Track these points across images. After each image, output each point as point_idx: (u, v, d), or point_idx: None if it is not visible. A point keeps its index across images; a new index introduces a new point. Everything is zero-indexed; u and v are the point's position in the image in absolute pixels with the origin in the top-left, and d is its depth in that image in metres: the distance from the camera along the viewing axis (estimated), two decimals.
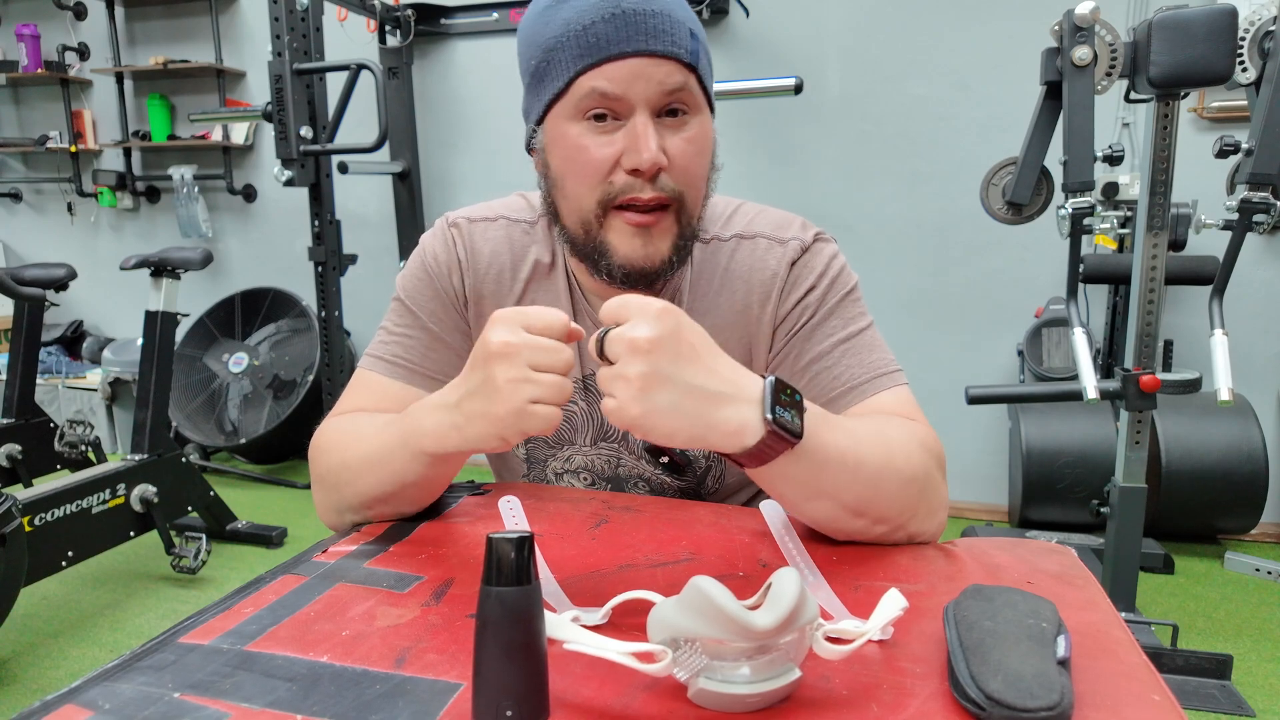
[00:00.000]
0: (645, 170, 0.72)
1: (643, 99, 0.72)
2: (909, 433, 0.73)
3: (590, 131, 0.74)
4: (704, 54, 0.76)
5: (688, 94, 0.74)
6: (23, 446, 2.72)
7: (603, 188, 0.74)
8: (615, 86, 0.72)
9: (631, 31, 0.71)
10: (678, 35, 0.73)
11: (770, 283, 0.84)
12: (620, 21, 0.71)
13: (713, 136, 0.79)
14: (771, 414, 0.59)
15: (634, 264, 0.76)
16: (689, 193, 0.76)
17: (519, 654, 0.44)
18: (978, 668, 0.47)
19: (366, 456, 0.75)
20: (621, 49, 0.71)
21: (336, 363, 3.08)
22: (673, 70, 0.72)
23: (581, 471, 0.92)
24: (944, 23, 2.84)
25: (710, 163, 0.80)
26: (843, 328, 0.83)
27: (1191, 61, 1.62)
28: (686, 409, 0.58)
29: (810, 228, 0.87)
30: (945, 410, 2.87)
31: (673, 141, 0.74)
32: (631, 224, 0.75)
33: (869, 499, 0.67)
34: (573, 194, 0.77)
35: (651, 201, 0.74)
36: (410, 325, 0.87)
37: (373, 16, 3.14)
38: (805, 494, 0.66)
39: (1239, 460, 2.45)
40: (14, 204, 4.15)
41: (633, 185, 0.74)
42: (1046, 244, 2.82)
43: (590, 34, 0.72)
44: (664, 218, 0.76)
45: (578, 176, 0.75)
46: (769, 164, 3.09)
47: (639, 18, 0.71)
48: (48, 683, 1.97)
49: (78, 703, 0.48)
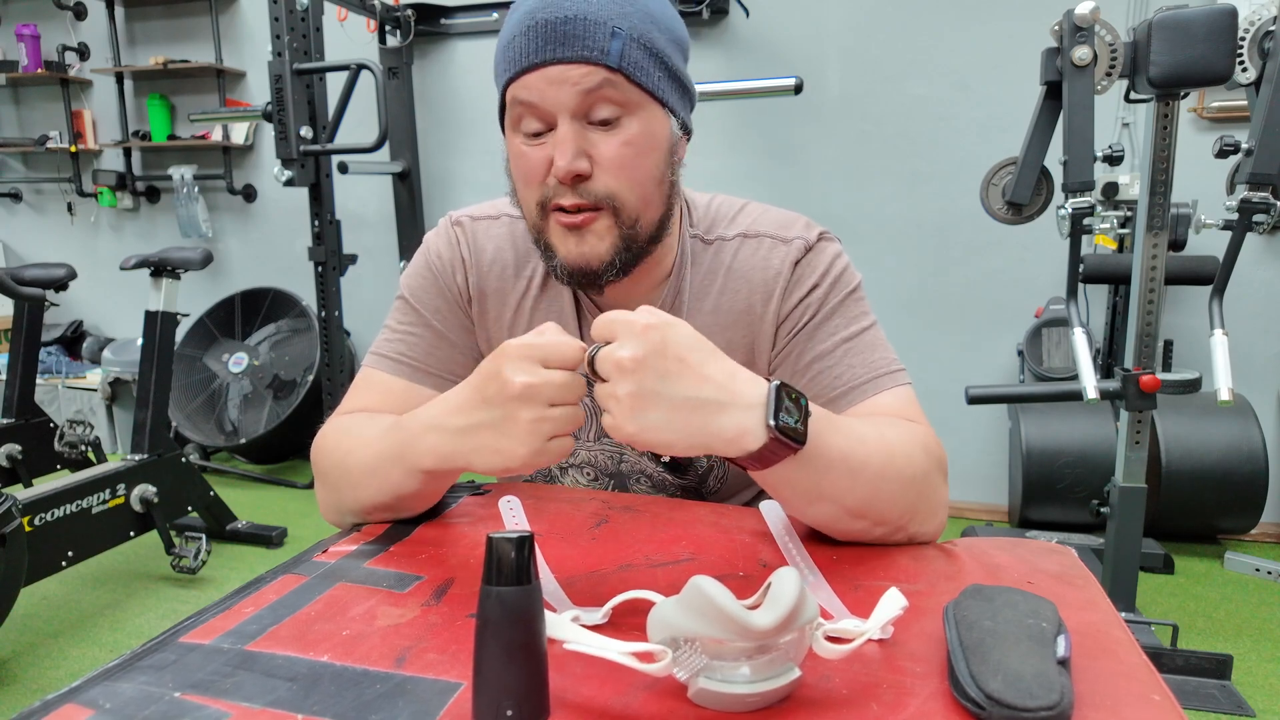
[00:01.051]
0: (562, 179, 0.74)
1: (561, 105, 0.73)
2: (910, 434, 0.73)
3: (527, 142, 0.76)
4: (638, 49, 0.73)
5: (614, 94, 0.73)
6: (23, 446, 2.72)
7: (541, 190, 0.76)
8: (533, 95, 0.73)
9: (542, 42, 0.72)
10: (592, 38, 0.72)
11: (773, 281, 0.84)
12: (534, 33, 0.72)
13: (665, 134, 0.78)
14: (775, 420, 0.59)
15: (572, 263, 0.77)
16: (625, 194, 0.75)
17: (519, 654, 0.44)
18: (978, 667, 0.47)
19: (364, 465, 0.75)
20: (532, 60, 0.72)
21: (336, 363, 3.08)
22: (587, 73, 0.72)
23: (585, 466, 0.93)
24: (944, 23, 2.84)
25: (664, 160, 0.78)
26: (845, 327, 0.83)
27: (1191, 61, 1.62)
28: (679, 423, 0.59)
29: (814, 227, 0.87)
30: (945, 410, 2.87)
31: (604, 145, 0.74)
32: (562, 225, 0.77)
33: (870, 501, 0.68)
34: (521, 200, 0.80)
35: (573, 207, 0.75)
36: (414, 323, 0.88)
37: (373, 16, 3.14)
38: (807, 497, 0.66)
39: (1239, 460, 2.45)
40: (14, 204, 4.15)
41: (559, 191, 0.75)
42: (1046, 244, 2.82)
43: (512, 48, 0.74)
44: (596, 219, 0.76)
45: (522, 181, 0.78)
46: (769, 164, 3.09)
47: (550, 26, 0.72)
48: (48, 683, 1.97)
49: (78, 702, 0.48)
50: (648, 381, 0.58)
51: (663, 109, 0.77)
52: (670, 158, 0.79)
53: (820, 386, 0.81)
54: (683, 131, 0.81)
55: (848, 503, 0.67)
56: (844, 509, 0.67)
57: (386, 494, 0.74)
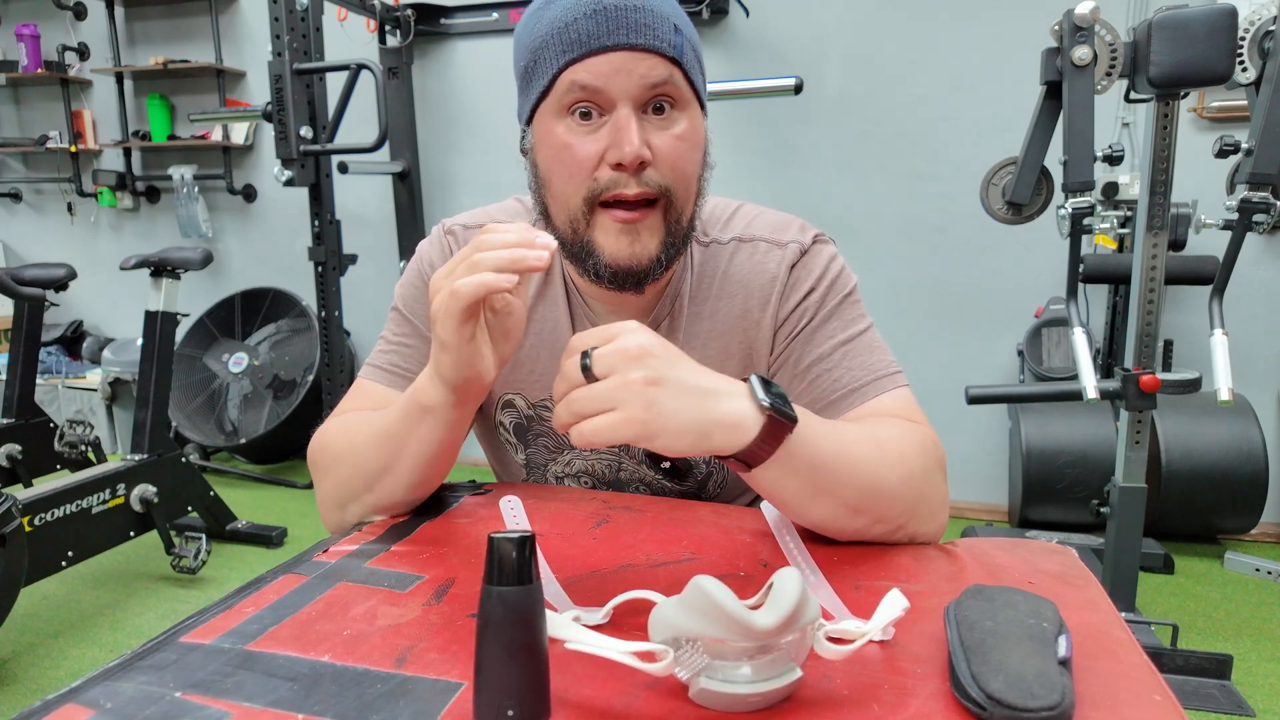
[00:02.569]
0: (629, 164, 0.71)
1: (625, 93, 0.72)
2: (904, 432, 0.73)
3: (575, 128, 0.74)
4: (690, 49, 0.75)
5: (673, 88, 0.73)
6: (23, 446, 2.72)
7: (588, 184, 0.74)
8: (597, 80, 0.72)
9: (613, 26, 0.71)
10: (660, 29, 0.72)
11: (769, 286, 0.84)
12: (602, 17, 0.71)
13: (704, 133, 0.78)
14: (767, 400, 0.60)
15: (620, 263, 0.75)
16: (677, 188, 0.75)
17: (520, 653, 0.44)
18: (979, 668, 0.47)
19: (368, 435, 0.76)
20: (602, 43, 0.71)
21: (336, 363, 3.08)
22: (655, 64, 0.72)
23: (582, 475, 0.92)
24: (944, 23, 2.84)
25: (702, 160, 0.79)
26: (842, 330, 0.82)
27: (1191, 61, 1.62)
28: (689, 408, 0.59)
29: (809, 229, 0.86)
30: (945, 410, 2.87)
31: (659, 137, 0.73)
32: (618, 221, 0.74)
33: (869, 497, 0.68)
34: (560, 192, 0.76)
35: (637, 197, 0.73)
36: (408, 334, 0.88)
37: (373, 16, 3.14)
38: (806, 493, 0.66)
39: (1239, 460, 2.45)
40: (14, 204, 4.15)
41: (618, 180, 0.73)
42: (1046, 244, 2.82)
43: (573, 30, 0.72)
44: (650, 214, 0.75)
45: (564, 173, 0.75)
46: (769, 164, 3.09)
47: (620, 13, 0.71)
48: (48, 683, 1.97)
49: (79, 702, 0.48)
50: (660, 366, 0.59)
51: (701, 110, 0.78)
52: (706, 158, 0.80)
53: (819, 390, 0.81)
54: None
55: (846, 497, 0.67)
56: (844, 504, 0.67)
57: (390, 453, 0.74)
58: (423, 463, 0.74)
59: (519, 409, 0.90)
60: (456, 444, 0.75)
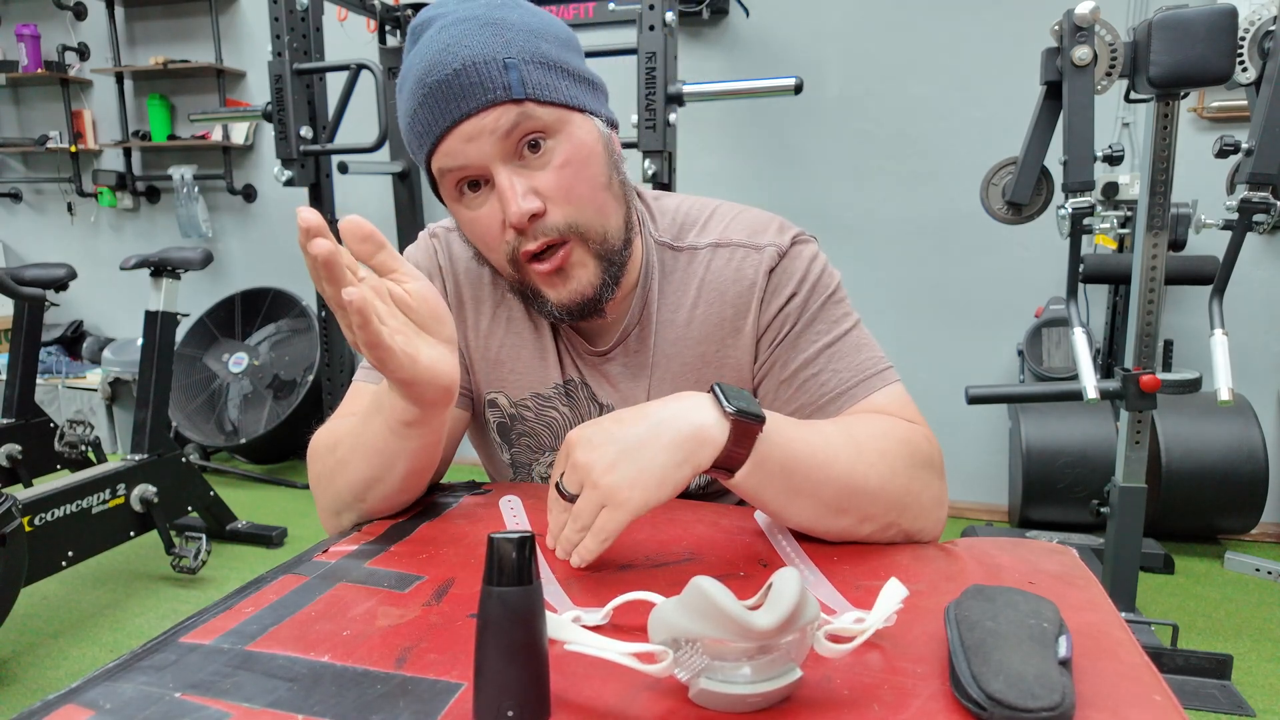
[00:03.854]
0: (519, 227, 0.72)
1: (487, 157, 0.71)
2: (883, 428, 0.73)
3: (471, 202, 0.75)
4: (535, 67, 0.71)
5: (531, 123, 0.71)
6: (23, 446, 2.72)
7: (503, 248, 0.75)
8: (458, 160, 0.72)
9: (444, 105, 0.70)
10: (488, 79, 0.70)
11: (749, 293, 0.82)
12: (431, 100, 0.71)
13: (595, 138, 0.75)
14: (731, 405, 0.62)
15: (565, 304, 0.76)
16: (582, 217, 0.74)
17: (520, 654, 0.44)
18: (979, 668, 0.47)
19: (351, 445, 0.75)
20: (443, 125, 0.71)
21: (336, 363, 3.08)
22: (498, 115, 0.70)
23: None
24: (944, 23, 2.84)
25: (603, 166, 0.76)
26: (827, 332, 0.81)
27: (1191, 61, 1.62)
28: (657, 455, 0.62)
29: (787, 230, 0.84)
30: (945, 410, 2.87)
31: (541, 177, 0.72)
32: (543, 274, 0.75)
33: (848, 495, 0.68)
34: (492, 259, 0.78)
35: (540, 248, 0.73)
36: None
37: (373, 16, 3.14)
38: (786, 495, 0.66)
39: (1239, 460, 2.45)
40: (14, 204, 4.15)
41: (523, 240, 0.73)
42: (1046, 244, 2.82)
43: (417, 123, 0.73)
44: (571, 251, 0.74)
45: (482, 246, 0.77)
46: (769, 164, 3.09)
47: (443, 86, 0.70)
48: (48, 683, 1.97)
49: (78, 702, 0.48)
50: (607, 451, 0.62)
51: (582, 114, 0.75)
52: (609, 158, 0.77)
53: (808, 395, 0.80)
54: (610, 127, 0.79)
55: (825, 497, 0.67)
56: (823, 504, 0.67)
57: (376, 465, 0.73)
58: (409, 471, 0.74)
59: (501, 408, 0.91)
60: (438, 446, 0.75)
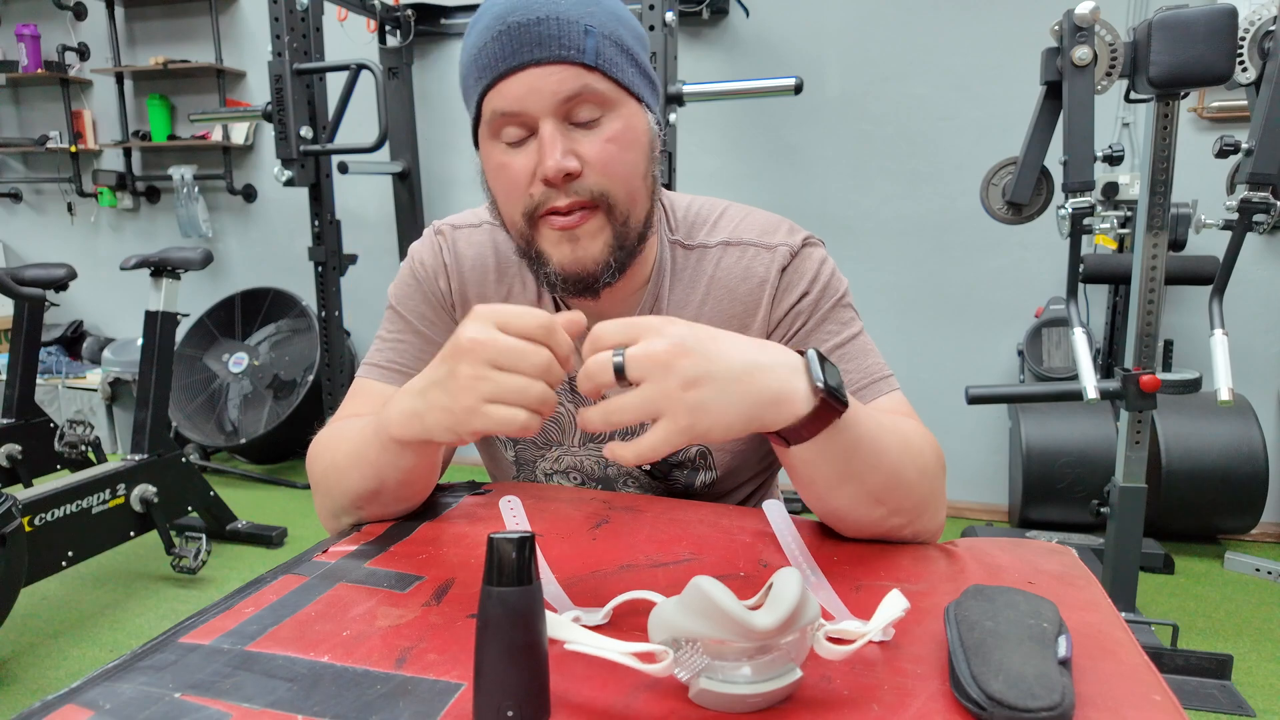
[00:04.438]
0: (552, 179, 0.71)
1: (542, 110, 0.71)
2: (917, 428, 0.74)
3: (507, 150, 0.74)
4: (611, 45, 0.73)
5: (592, 94, 0.72)
6: (23, 446, 2.72)
7: (525, 200, 0.74)
8: (513, 104, 0.72)
9: (517, 45, 0.70)
10: (568, 38, 0.71)
11: (759, 291, 0.84)
12: (506, 38, 0.71)
13: (645, 128, 0.77)
14: (823, 381, 0.58)
15: (567, 269, 0.75)
16: (615, 190, 0.74)
17: (520, 654, 0.44)
18: (979, 668, 0.47)
19: (349, 454, 0.75)
20: (509, 65, 0.71)
21: (336, 363, 3.08)
22: (566, 76, 0.71)
23: (571, 472, 0.92)
24: (944, 22, 2.84)
25: (646, 155, 0.77)
26: (837, 333, 0.82)
27: (1191, 61, 1.62)
28: (737, 397, 0.56)
29: (798, 231, 0.86)
30: (945, 410, 2.87)
31: (587, 143, 0.73)
32: (556, 229, 0.74)
33: (891, 487, 0.68)
34: (504, 210, 0.78)
35: (569, 207, 0.73)
36: (403, 330, 0.89)
37: (373, 16, 3.14)
38: (836, 477, 0.66)
39: (1239, 460, 2.45)
40: (14, 204, 4.15)
41: (550, 195, 0.73)
42: (1046, 244, 2.82)
43: (484, 56, 0.72)
44: (590, 218, 0.74)
45: (503, 192, 0.76)
46: (769, 164, 3.09)
47: (523, 29, 0.70)
48: (48, 683, 1.97)
49: (78, 703, 0.48)
50: (697, 364, 0.55)
51: (639, 104, 0.76)
52: (651, 153, 0.78)
53: None
54: (658, 126, 0.80)
55: (871, 485, 0.67)
56: (867, 493, 0.67)
57: (371, 479, 0.73)
58: (401, 490, 0.75)
59: None
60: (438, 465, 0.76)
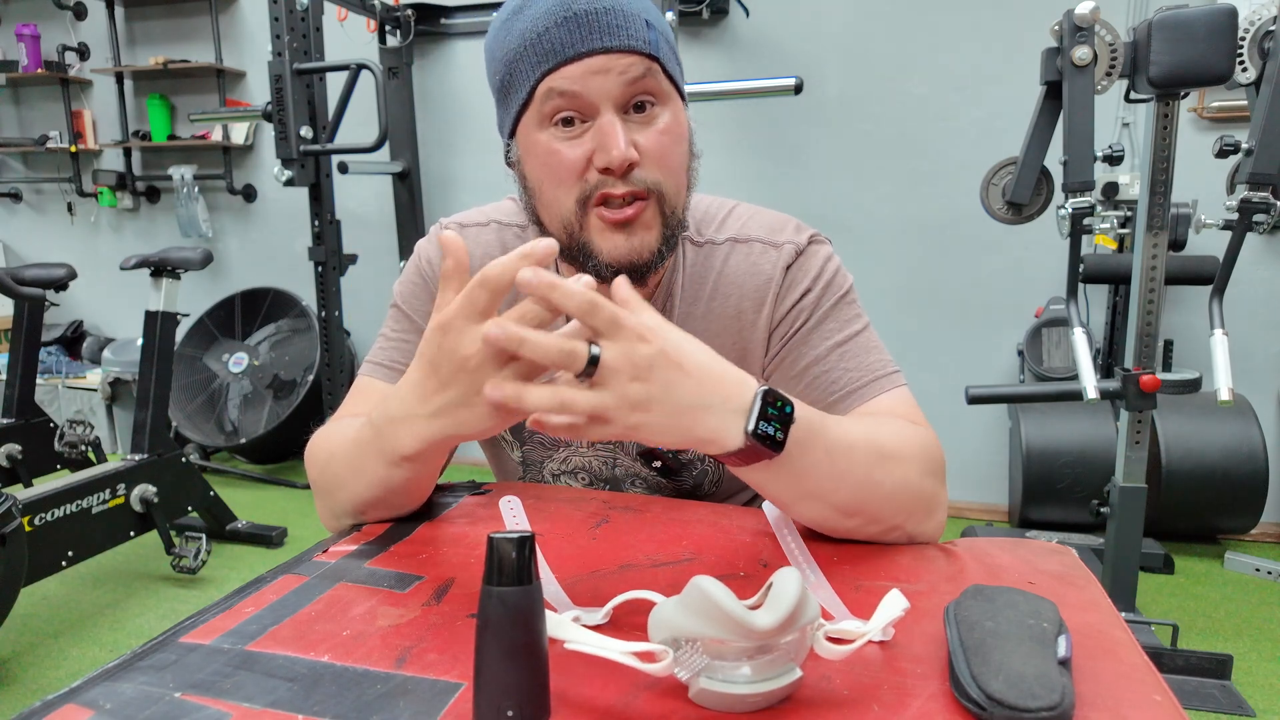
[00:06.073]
0: (616, 168, 0.71)
1: (606, 95, 0.72)
2: (905, 434, 0.73)
3: (559, 136, 0.74)
4: (665, 43, 0.75)
5: (652, 83, 0.73)
6: (23, 446, 2.72)
7: (579, 187, 0.74)
8: (576, 86, 0.71)
9: (585, 32, 0.71)
10: (633, 28, 0.72)
11: (765, 287, 0.84)
12: (573, 24, 0.71)
13: (687, 125, 0.78)
14: (754, 427, 0.58)
15: (620, 261, 0.75)
16: (667, 183, 0.75)
17: (520, 654, 0.44)
18: (979, 668, 0.47)
19: (348, 464, 0.74)
20: (577, 50, 0.71)
21: (336, 363, 3.08)
22: (632, 63, 0.72)
23: (579, 472, 0.92)
24: (944, 23, 2.84)
25: (688, 151, 0.78)
26: (839, 331, 0.82)
27: (1191, 61, 1.62)
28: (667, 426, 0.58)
29: (804, 230, 0.86)
30: (945, 410, 2.87)
31: (644, 134, 0.73)
32: (610, 221, 0.74)
33: (861, 500, 0.68)
34: (551, 199, 0.76)
35: (627, 195, 0.73)
36: (407, 329, 0.88)
37: (373, 16, 3.14)
38: (792, 496, 0.67)
39: (1239, 460, 2.45)
40: (14, 204, 4.15)
41: (606, 182, 0.73)
42: (1046, 244, 2.82)
43: (546, 40, 0.72)
44: (644, 209, 0.75)
45: (553, 180, 0.75)
46: (769, 164, 3.09)
47: (591, 17, 0.71)
48: (48, 683, 1.97)
49: (78, 702, 0.48)
50: (654, 389, 0.56)
51: (682, 101, 0.78)
52: (691, 149, 0.80)
53: (817, 392, 0.81)
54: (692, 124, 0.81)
55: (836, 501, 0.67)
56: (833, 507, 0.67)
57: (375, 489, 0.73)
58: (406, 497, 0.75)
59: None
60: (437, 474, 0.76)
